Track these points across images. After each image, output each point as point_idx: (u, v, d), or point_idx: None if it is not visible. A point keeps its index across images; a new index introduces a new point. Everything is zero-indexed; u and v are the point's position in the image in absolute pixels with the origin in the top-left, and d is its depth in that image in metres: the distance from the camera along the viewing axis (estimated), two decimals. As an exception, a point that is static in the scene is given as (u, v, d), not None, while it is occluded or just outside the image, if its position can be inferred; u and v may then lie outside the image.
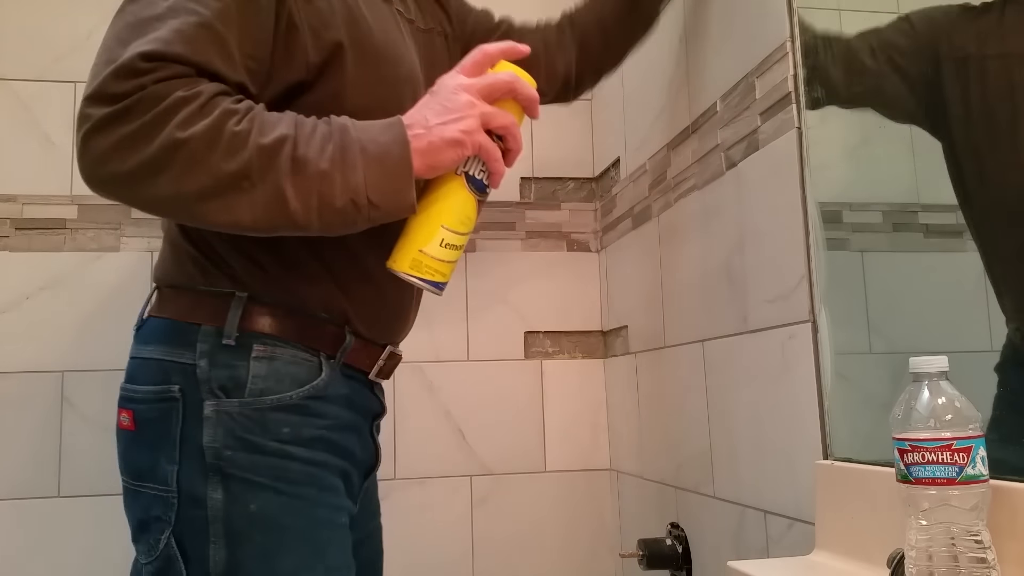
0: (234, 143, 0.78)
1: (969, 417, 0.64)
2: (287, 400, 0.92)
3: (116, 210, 1.60)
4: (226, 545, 0.88)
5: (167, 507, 0.90)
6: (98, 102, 0.78)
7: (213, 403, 0.89)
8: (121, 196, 0.82)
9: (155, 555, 0.90)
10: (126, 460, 0.95)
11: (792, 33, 1.02)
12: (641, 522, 1.57)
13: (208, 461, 0.89)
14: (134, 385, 0.94)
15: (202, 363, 0.90)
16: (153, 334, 0.95)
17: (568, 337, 1.77)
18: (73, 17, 1.65)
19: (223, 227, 0.82)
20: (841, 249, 0.96)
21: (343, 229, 0.85)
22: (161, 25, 0.79)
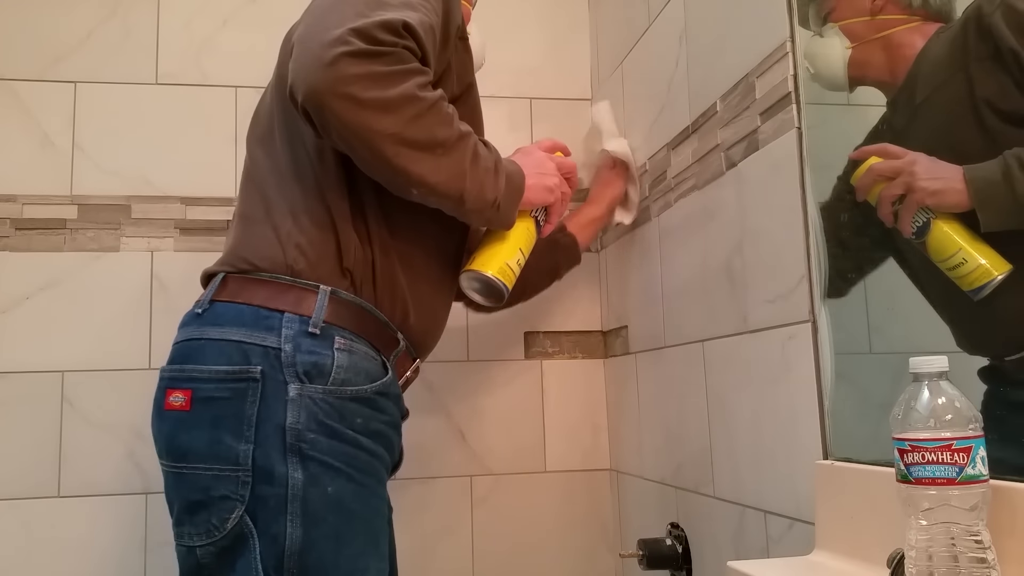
0: (447, 119, 0.97)
1: (969, 417, 0.64)
2: (363, 392, 0.99)
3: (116, 210, 1.61)
4: (303, 524, 0.92)
5: (237, 485, 0.93)
6: (361, 38, 0.90)
7: (297, 386, 0.95)
8: (344, 115, 0.90)
9: (220, 534, 0.92)
10: (174, 441, 0.97)
11: (792, 33, 1.02)
12: (641, 522, 1.57)
13: (289, 442, 0.93)
14: (198, 365, 0.97)
15: (287, 347, 0.96)
16: (226, 317, 0.99)
17: (568, 337, 1.77)
18: (73, 17, 1.65)
19: (403, 174, 0.95)
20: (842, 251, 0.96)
21: (475, 217, 1.06)
22: (405, 10, 0.95)
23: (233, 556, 0.93)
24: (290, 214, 1.03)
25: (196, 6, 1.70)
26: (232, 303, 1.00)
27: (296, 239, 1.01)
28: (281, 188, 1.05)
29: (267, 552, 0.92)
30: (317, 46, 0.90)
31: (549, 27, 1.84)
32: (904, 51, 0.89)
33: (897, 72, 0.90)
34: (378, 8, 0.93)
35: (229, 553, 0.93)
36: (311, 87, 0.89)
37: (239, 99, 1.68)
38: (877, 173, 0.87)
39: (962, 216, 0.79)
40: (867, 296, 0.94)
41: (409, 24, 0.92)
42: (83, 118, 1.62)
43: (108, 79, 1.64)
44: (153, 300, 1.60)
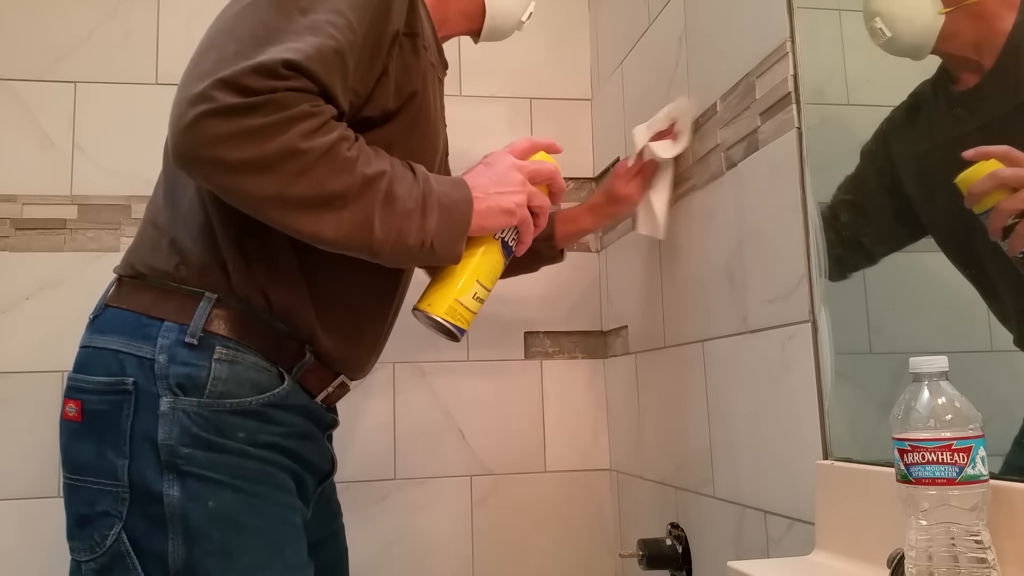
0: (344, 165, 0.84)
1: (969, 417, 0.64)
2: (246, 405, 0.92)
3: (116, 210, 1.61)
4: (184, 542, 0.88)
5: (116, 502, 0.89)
6: (229, 89, 0.79)
7: (170, 400, 0.89)
8: (215, 181, 0.83)
9: (100, 551, 0.89)
10: (68, 453, 0.94)
11: (792, 33, 1.02)
12: (641, 522, 1.57)
13: (163, 458, 0.88)
14: (84, 375, 0.93)
15: (161, 358, 0.90)
16: (111, 324, 0.94)
17: (568, 337, 1.77)
18: (73, 17, 1.65)
19: (301, 235, 0.86)
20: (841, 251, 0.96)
21: (401, 263, 0.95)
22: (299, 38, 0.83)
23: (112, 575, 0.89)
24: (174, 215, 0.97)
25: (196, 6, 1.70)
26: (119, 308, 0.95)
27: (185, 243, 0.95)
28: (171, 188, 0.99)
29: (152, 571, 0.88)
30: (182, 102, 0.81)
31: (549, 27, 1.84)
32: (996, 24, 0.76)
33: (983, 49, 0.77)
34: (266, 43, 0.82)
35: (108, 571, 0.89)
36: (176, 150, 0.82)
37: (239, 99, 1.68)
38: (1000, 181, 0.74)
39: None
40: (867, 296, 0.94)
41: (292, 62, 0.81)
42: (83, 118, 1.62)
43: (108, 79, 1.64)
44: (153, 300, 1.59)
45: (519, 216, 0.98)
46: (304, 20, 0.84)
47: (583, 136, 1.83)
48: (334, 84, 0.85)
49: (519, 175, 1.00)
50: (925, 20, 0.80)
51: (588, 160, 1.83)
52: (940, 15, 0.79)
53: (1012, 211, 0.73)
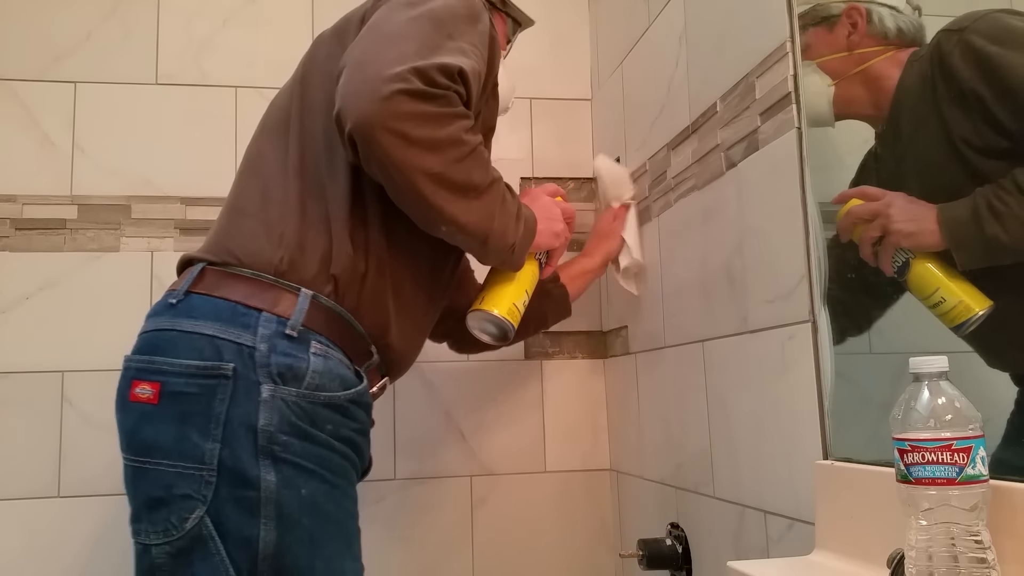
0: (485, 164, 1.02)
1: (969, 417, 0.64)
2: (335, 399, 0.97)
3: (116, 210, 1.61)
4: (277, 526, 0.90)
5: (200, 485, 0.90)
6: (421, 77, 0.93)
7: (271, 387, 0.93)
8: (391, 150, 0.93)
9: (177, 535, 0.90)
10: (137, 435, 0.94)
11: (792, 33, 1.02)
12: (641, 522, 1.57)
13: (261, 444, 0.91)
14: (167, 357, 0.94)
15: (262, 347, 0.94)
16: (201, 310, 0.96)
17: (568, 337, 1.77)
18: (73, 17, 1.65)
19: (437, 211, 0.97)
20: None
21: (492, 256, 1.09)
22: (461, 55, 0.98)
23: (191, 558, 0.90)
24: (286, 212, 1.01)
25: (196, 6, 1.70)
26: (209, 296, 0.97)
27: (287, 238, 1.00)
28: (283, 185, 1.03)
29: (238, 555, 0.89)
30: (376, 78, 0.91)
31: (549, 27, 1.84)
32: (884, 83, 0.89)
33: (881, 105, 0.90)
34: (437, 50, 0.96)
35: (186, 555, 0.90)
36: (363, 117, 0.91)
37: (239, 99, 1.68)
38: (856, 216, 0.89)
39: (942, 254, 0.79)
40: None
41: (464, 70, 0.96)
42: (83, 118, 1.62)
43: (108, 79, 1.64)
44: (153, 300, 1.57)
45: (562, 240, 1.20)
46: (453, 44, 0.99)
47: (583, 136, 1.83)
48: (474, 100, 1.01)
49: (558, 209, 1.20)
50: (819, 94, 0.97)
51: (588, 160, 1.83)
52: (830, 87, 0.95)
53: (870, 239, 0.86)
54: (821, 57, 0.97)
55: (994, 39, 0.76)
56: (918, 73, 0.84)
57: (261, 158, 1.08)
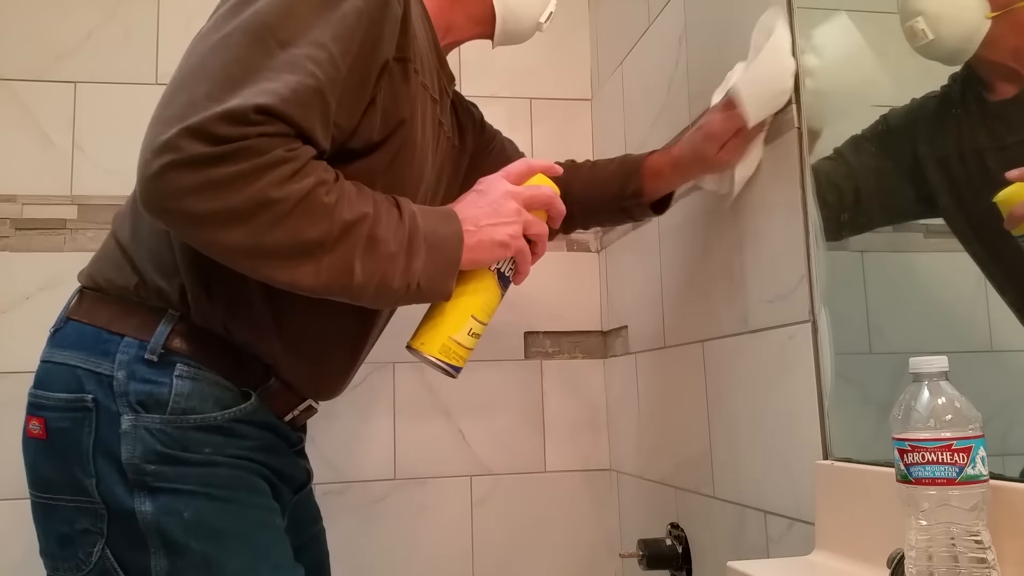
0: (322, 212, 0.79)
1: (969, 417, 0.64)
2: (211, 420, 0.90)
3: (115, 210, 1.60)
4: (166, 555, 0.86)
5: (96, 518, 0.87)
6: (196, 138, 0.75)
7: (131, 417, 0.87)
8: (184, 232, 0.80)
9: (87, 568, 0.87)
10: (37, 471, 0.92)
11: (792, 33, 1.02)
12: (641, 522, 1.57)
13: (130, 476, 0.86)
14: (45, 391, 0.91)
15: (120, 374, 0.88)
16: (70, 338, 0.92)
17: (568, 337, 1.77)
18: (73, 17, 1.65)
19: (277, 284, 0.81)
20: (841, 249, 0.96)
21: (387, 305, 0.95)
22: (276, 77, 0.78)
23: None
24: (144, 239, 0.93)
25: (196, 6, 1.69)
26: (79, 323, 0.93)
27: (145, 267, 0.92)
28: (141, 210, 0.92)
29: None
30: (147, 149, 0.77)
31: (549, 27, 1.84)
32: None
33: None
34: (240, 84, 0.78)
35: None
36: (142, 199, 0.78)
37: (239, 99, 1.68)
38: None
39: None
40: (867, 296, 0.94)
41: (265, 106, 0.76)
42: (83, 118, 1.62)
43: (108, 79, 1.64)
44: (153, 300, 1.60)
45: (514, 248, 0.93)
46: (283, 55, 0.79)
47: (583, 136, 1.83)
48: (313, 125, 0.80)
49: (514, 203, 0.93)
50: (972, 23, 0.75)
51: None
52: (987, 19, 0.74)
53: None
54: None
55: None
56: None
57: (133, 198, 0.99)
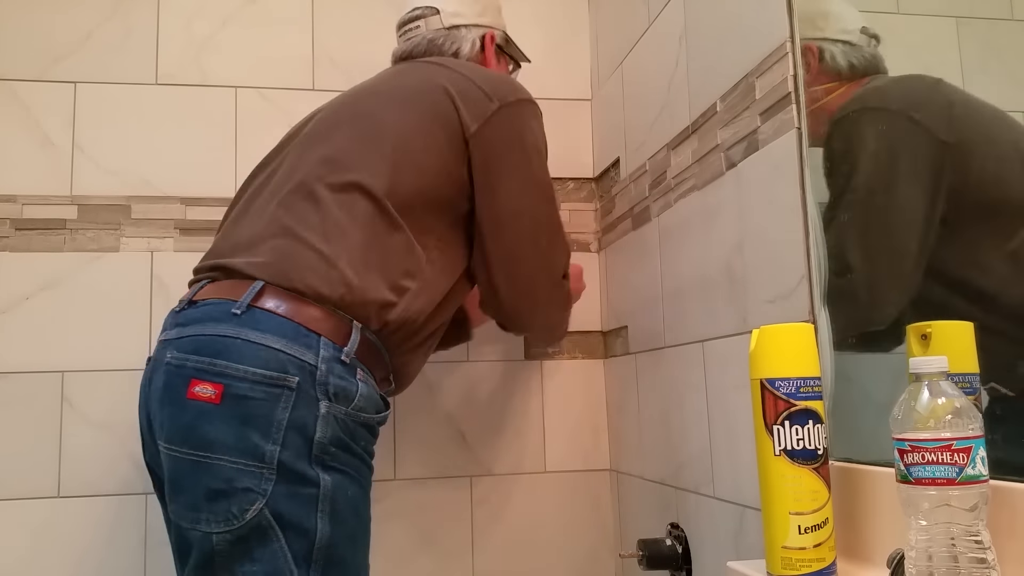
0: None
1: (969, 417, 0.64)
2: (370, 420, 1.09)
3: (116, 210, 1.61)
4: (330, 521, 1.01)
5: (260, 480, 0.98)
6: (560, 281, 1.37)
7: (327, 404, 1.03)
8: (543, 324, 1.45)
9: (238, 523, 0.97)
10: (197, 431, 1.00)
11: (792, 33, 1.02)
12: (641, 522, 1.57)
13: (315, 453, 1.01)
14: (233, 363, 1.01)
15: (322, 367, 1.03)
16: (268, 325, 1.04)
17: (568, 337, 1.77)
18: (73, 17, 1.65)
19: (555, 329, 1.55)
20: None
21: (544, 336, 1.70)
22: (562, 239, 1.36)
23: (250, 545, 0.98)
24: (349, 254, 1.10)
25: (196, 6, 1.70)
26: (272, 314, 1.04)
27: (347, 278, 1.08)
28: (345, 227, 1.11)
29: (296, 543, 0.99)
30: (546, 283, 1.33)
31: (549, 27, 1.84)
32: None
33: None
34: (563, 242, 1.37)
35: (245, 542, 0.98)
36: (525, 329, 1.46)
37: (239, 99, 1.68)
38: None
39: None
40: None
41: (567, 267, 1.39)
42: (83, 118, 1.62)
43: (108, 79, 1.64)
44: (153, 300, 1.60)
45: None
46: (557, 214, 1.34)
47: (583, 136, 1.83)
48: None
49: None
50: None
51: (588, 160, 1.83)
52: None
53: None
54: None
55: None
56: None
57: (330, 195, 1.14)
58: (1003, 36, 0.79)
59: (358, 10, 1.75)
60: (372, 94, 1.29)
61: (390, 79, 1.33)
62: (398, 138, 1.19)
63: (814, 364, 0.81)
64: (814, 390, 0.80)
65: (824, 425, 0.80)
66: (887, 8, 0.93)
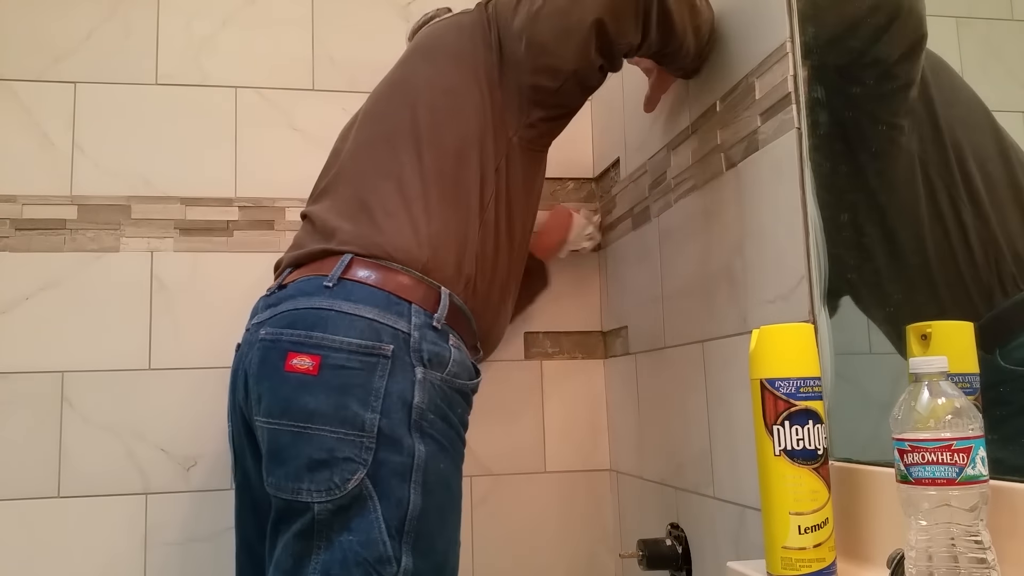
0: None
1: (969, 417, 0.64)
2: (465, 387, 1.11)
3: (116, 210, 1.61)
4: (422, 492, 1.01)
5: (360, 449, 0.99)
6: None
7: (422, 370, 1.04)
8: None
9: (340, 493, 0.98)
10: (296, 403, 1.01)
11: (792, 33, 1.02)
12: (641, 522, 1.57)
13: (414, 418, 1.02)
14: (327, 334, 1.02)
15: (415, 334, 1.05)
16: (359, 295, 1.05)
17: (568, 337, 1.77)
18: (73, 17, 1.65)
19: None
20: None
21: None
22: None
23: (349, 514, 0.99)
24: (428, 216, 1.11)
25: (196, 6, 1.70)
26: (364, 284, 1.06)
27: (432, 240, 1.10)
28: (421, 191, 1.12)
29: (389, 514, 0.99)
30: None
31: (549, 27, 1.83)
32: None
33: None
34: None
35: (345, 511, 0.98)
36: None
37: (239, 99, 1.68)
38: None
39: None
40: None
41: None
42: (83, 118, 1.62)
43: (108, 79, 1.64)
44: (153, 300, 1.60)
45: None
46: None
47: (583, 136, 1.83)
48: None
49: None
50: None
51: (588, 160, 1.83)
52: None
53: None
54: None
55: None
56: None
57: (392, 163, 1.16)
58: (1003, 36, 0.79)
59: (358, 10, 1.75)
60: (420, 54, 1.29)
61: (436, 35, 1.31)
62: (431, 92, 1.21)
63: (814, 364, 0.81)
64: (814, 390, 0.80)
65: (824, 425, 0.80)
66: (887, 8, 0.93)
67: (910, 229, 0.87)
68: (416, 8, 1.76)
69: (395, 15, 1.76)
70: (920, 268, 0.87)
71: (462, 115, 1.18)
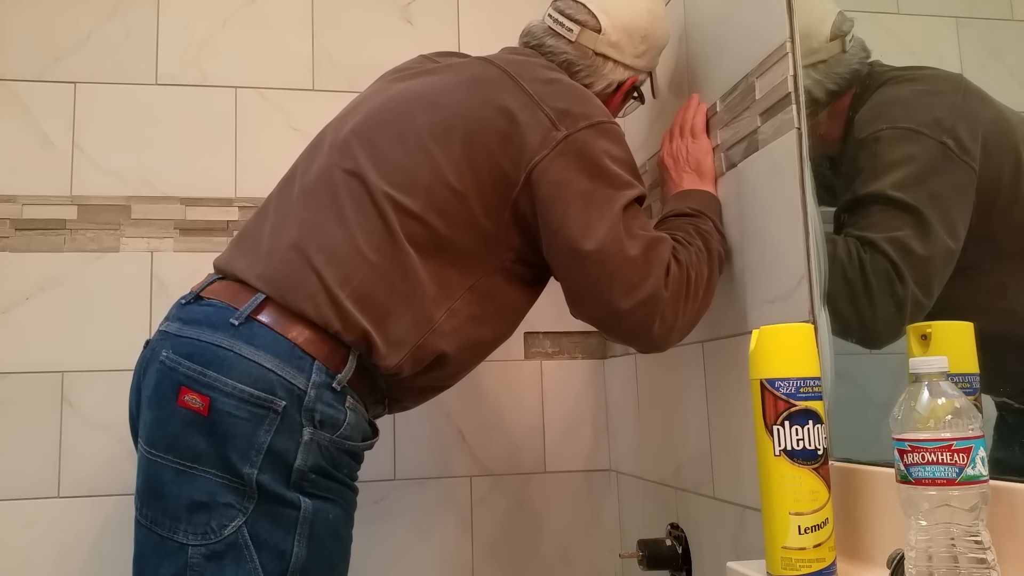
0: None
1: (969, 417, 0.64)
2: (356, 448, 1.06)
3: (115, 210, 1.61)
4: (307, 545, 0.99)
5: (242, 498, 0.97)
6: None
7: (311, 431, 1.00)
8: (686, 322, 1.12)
9: (215, 538, 0.96)
10: (183, 440, 0.98)
11: (792, 33, 1.02)
12: (641, 522, 1.56)
13: (293, 479, 0.99)
14: (223, 376, 0.98)
15: (312, 392, 1.00)
16: (263, 341, 1.00)
17: (568, 337, 1.77)
18: (73, 17, 1.65)
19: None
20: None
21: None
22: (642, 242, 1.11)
23: (223, 563, 0.96)
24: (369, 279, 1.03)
25: (196, 6, 1.70)
26: (271, 330, 1.01)
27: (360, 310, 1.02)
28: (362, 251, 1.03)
29: (270, 565, 0.97)
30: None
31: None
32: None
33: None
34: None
35: (219, 559, 0.96)
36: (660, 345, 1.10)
37: (239, 99, 1.68)
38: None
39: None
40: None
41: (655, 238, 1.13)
42: (83, 118, 1.62)
43: (108, 79, 1.64)
44: (153, 300, 1.60)
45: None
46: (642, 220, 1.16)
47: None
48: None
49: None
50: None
51: (588, 160, 1.83)
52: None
53: None
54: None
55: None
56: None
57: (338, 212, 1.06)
58: (1003, 36, 0.79)
59: (358, 10, 1.75)
60: (423, 102, 1.14)
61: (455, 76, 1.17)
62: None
63: (814, 364, 0.81)
64: (814, 390, 0.80)
65: (824, 425, 0.80)
66: (887, 8, 0.94)
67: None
68: (416, 8, 1.77)
69: (395, 15, 1.76)
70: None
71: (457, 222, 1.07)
